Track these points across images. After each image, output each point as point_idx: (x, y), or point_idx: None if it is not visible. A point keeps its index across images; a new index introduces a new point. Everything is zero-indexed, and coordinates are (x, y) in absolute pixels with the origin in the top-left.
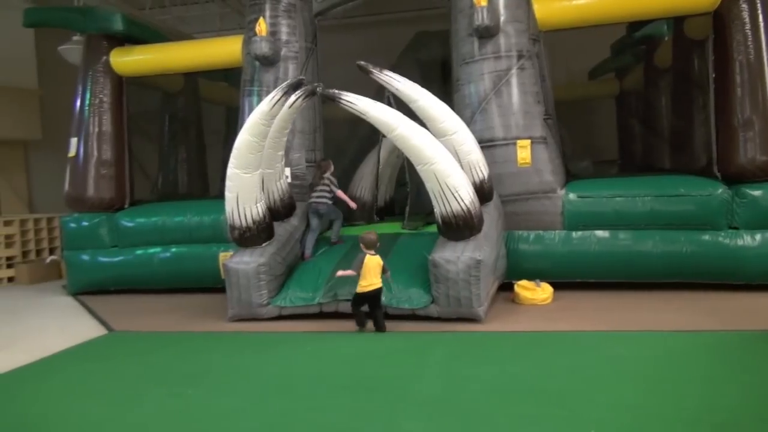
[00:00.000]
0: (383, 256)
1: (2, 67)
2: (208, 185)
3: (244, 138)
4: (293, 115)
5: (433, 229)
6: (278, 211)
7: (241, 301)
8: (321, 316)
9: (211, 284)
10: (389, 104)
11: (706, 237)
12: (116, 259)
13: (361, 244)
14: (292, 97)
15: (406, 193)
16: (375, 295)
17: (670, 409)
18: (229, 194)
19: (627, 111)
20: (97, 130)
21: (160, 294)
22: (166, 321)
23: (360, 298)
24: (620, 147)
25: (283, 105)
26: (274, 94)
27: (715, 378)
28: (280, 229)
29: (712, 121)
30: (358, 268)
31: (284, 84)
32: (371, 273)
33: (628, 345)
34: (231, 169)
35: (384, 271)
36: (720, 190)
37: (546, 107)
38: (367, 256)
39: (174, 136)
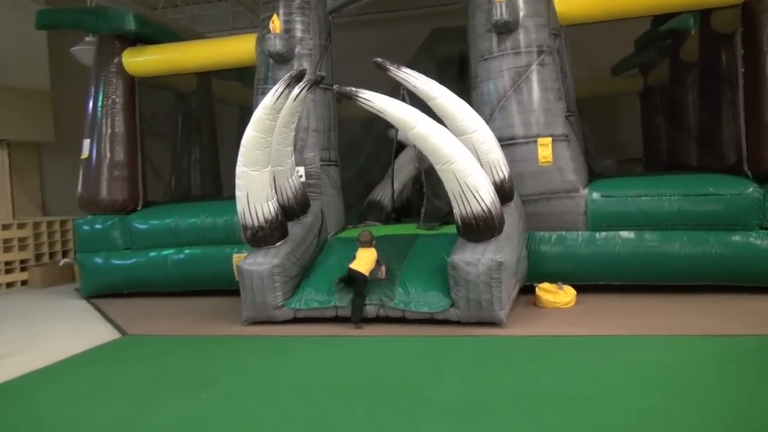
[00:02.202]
0: (400, 259)
1: (15, 68)
2: (222, 186)
3: (250, 134)
4: (299, 108)
5: (450, 229)
6: (292, 209)
7: (256, 303)
8: (337, 319)
9: (225, 286)
10: (404, 102)
11: (736, 238)
12: (129, 261)
13: (358, 243)
14: (296, 89)
15: (423, 193)
16: (359, 280)
17: (700, 417)
18: (239, 193)
19: (652, 107)
20: (109, 131)
21: (174, 297)
22: (180, 324)
23: (348, 276)
24: (645, 144)
25: (286, 98)
26: (277, 87)
27: (747, 385)
28: (295, 227)
29: (742, 117)
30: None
31: (286, 76)
32: (361, 259)
33: (655, 350)
34: (239, 168)
35: (378, 264)
36: (751, 189)
37: (567, 104)
38: (360, 249)
39: (187, 136)
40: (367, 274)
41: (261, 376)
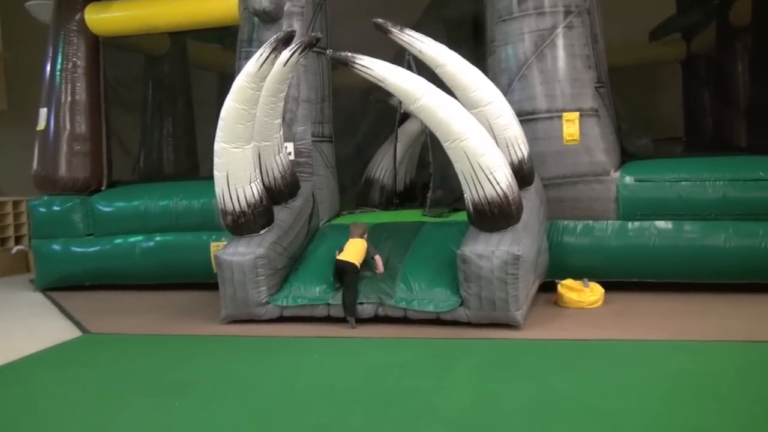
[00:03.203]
0: (402, 250)
1: None
2: (198, 164)
3: (230, 106)
4: (288, 75)
5: (461, 217)
6: (279, 191)
7: (236, 299)
8: (330, 319)
9: (202, 279)
10: (410, 70)
11: None
12: (92, 249)
13: (350, 232)
14: (286, 52)
15: (429, 175)
16: (348, 272)
17: None
18: (218, 173)
19: (695, 78)
20: (69, 99)
21: (143, 290)
22: (150, 321)
23: (336, 268)
24: (687, 121)
25: (272, 63)
26: (262, 51)
27: None
28: (282, 213)
29: None
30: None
31: (272, 38)
32: (350, 249)
33: (693, 357)
34: (218, 144)
35: (371, 254)
36: None
37: (598, 73)
38: (351, 239)
39: (159, 106)
40: (358, 264)
41: (242, 382)
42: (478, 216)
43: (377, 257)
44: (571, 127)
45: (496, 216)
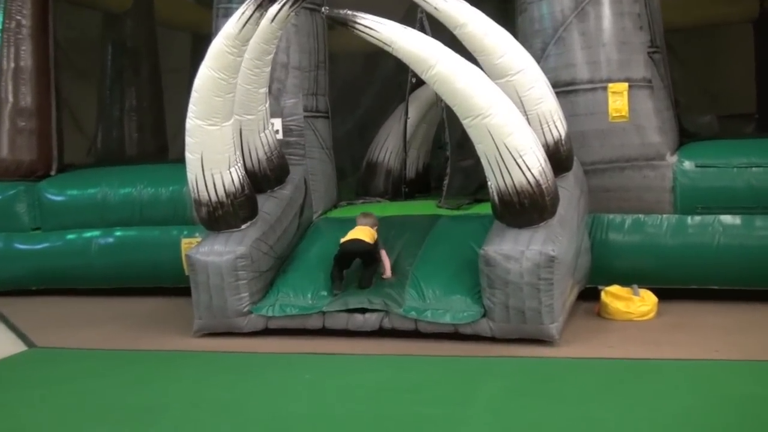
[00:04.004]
0: (414, 250)
1: None
2: (167, 144)
3: (205, 74)
4: (277, 33)
5: (484, 209)
6: (264, 177)
7: (212, 307)
8: (325, 331)
9: (172, 283)
10: (423, 31)
11: None
12: (39, 246)
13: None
14: (274, 6)
15: (445, 158)
16: (362, 252)
17: None
18: (190, 155)
19: None
20: (12, 65)
21: (101, 296)
22: (109, 334)
23: (341, 255)
24: (759, 94)
25: (257, 24)
26: (244, 9)
27: None
28: (268, 203)
29: None
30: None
31: None
32: (361, 232)
33: (765, 381)
34: (191, 121)
35: (378, 247)
36: None
37: (651, 36)
38: (357, 227)
39: (120, 74)
40: (371, 242)
41: (219, 408)
42: (504, 208)
43: (385, 256)
44: (618, 100)
45: (526, 208)
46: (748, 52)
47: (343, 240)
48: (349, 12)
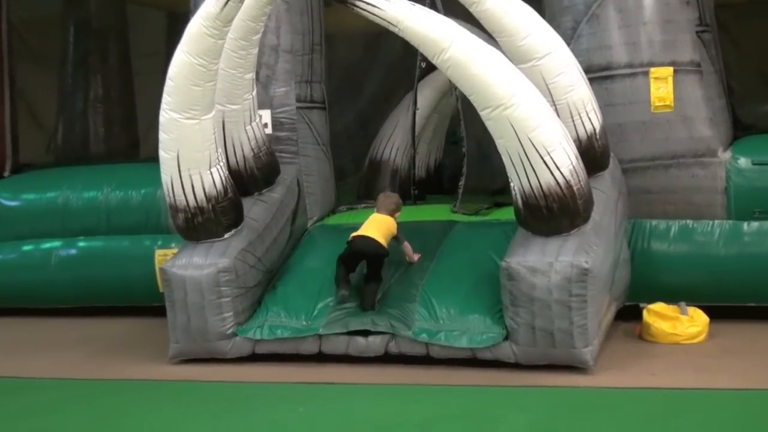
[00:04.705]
0: (425, 259)
1: None
2: (138, 140)
3: (182, 60)
4: (265, 10)
5: (506, 214)
6: (250, 178)
7: (191, 329)
8: (322, 357)
9: (144, 302)
10: (434, 9)
11: None
12: None
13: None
14: None
15: (461, 155)
16: (371, 255)
17: None
18: (165, 154)
19: None
20: None
21: (62, 316)
22: (72, 361)
23: (347, 255)
24: None
25: (241, 1)
26: None
27: None
28: (255, 209)
29: None
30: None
31: None
32: (371, 225)
33: None
34: (166, 113)
35: (400, 241)
36: None
37: (700, 12)
38: (375, 213)
39: (83, 60)
40: (385, 244)
41: None
42: (529, 213)
43: (407, 245)
44: (661, 88)
45: (555, 213)
46: None
47: (352, 235)
48: None
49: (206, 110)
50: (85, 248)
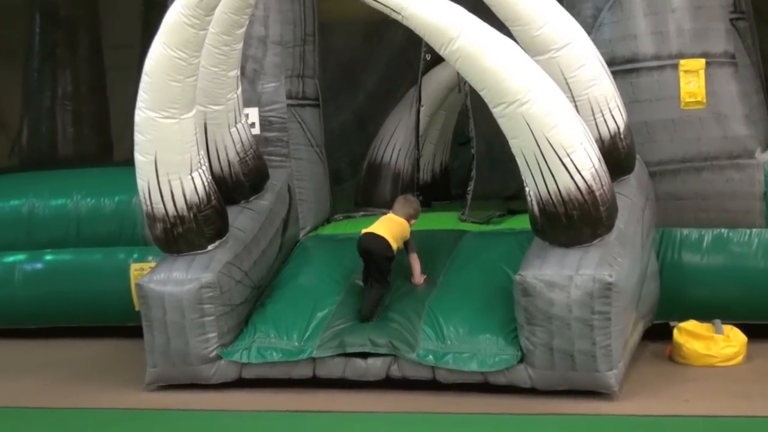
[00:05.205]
0: (431, 273)
1: None
2: (112, 142)
3: (160, 53)
4: (250, 2)
5: (520, 223)
6: (236, 184)
7: (170, 352)
8: (316, 381)
9: (118, 321)
10: None
11: None
12: None
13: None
14: None
15: (470, 157)
16: (376, 254)
17: None
18: (141, 157)
19: None
20: None
21: (27, 337)
22: (38, 388)
23: (363, 253)
24: None
25: None
26: None
27: None
28: (241, 218)
29: None
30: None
31: None
32: (384, 224)
33: None
34: (142, 112)
35: (408, 248)
36: None
37: None
38: (390, 214)
39: (50, 53)
40: (394, 245)
41: None
42: (547, 221)
43: (415, 258)
44: (692, 82)
45: (575, 221)
46: None
47: (362, 231)
48: None
49: (186, 108)
50: (53, 262)
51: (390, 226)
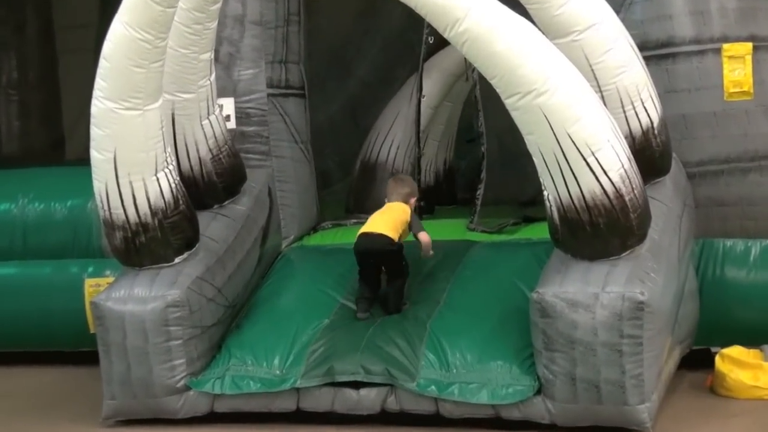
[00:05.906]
0: (434, 289)
1: None
2: (64, 137)
3: (121, 34)
4: None
5: (537, 232)
6: (209, 186)
7: (131, 382)
8: (300, 415)
9: (70, 346)
10: None
11: None
12: None
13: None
14: None
15: (479, 155)
16: (379, 254)
17: None
18: (98, 155)
19: None
20: None
21: None
22: None
23: (358, 261)
24: None
25: None
26: None
27: None
28: (214, 226)
29: None
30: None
31: None
32: (382, 217)
33: None
34: (100, 102)
35: (415, 230)
36: None
37: None
38: (387, 204)
39: None
40: (395, 238)
41: None
42: (568, 230)
43: (423, 235)
44: (738, 69)
45: (601, 230)
46: None
47: (363, 229)
48: None
49: (151, 98)
50: None
51: (387, 219)
